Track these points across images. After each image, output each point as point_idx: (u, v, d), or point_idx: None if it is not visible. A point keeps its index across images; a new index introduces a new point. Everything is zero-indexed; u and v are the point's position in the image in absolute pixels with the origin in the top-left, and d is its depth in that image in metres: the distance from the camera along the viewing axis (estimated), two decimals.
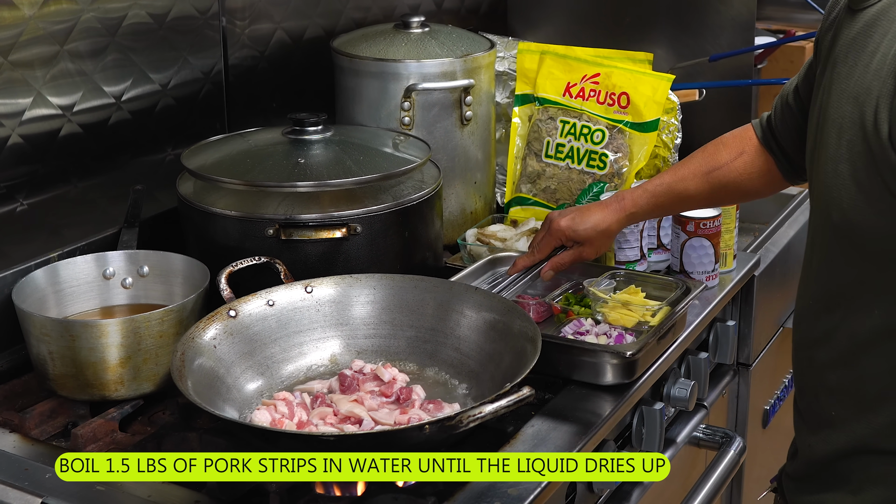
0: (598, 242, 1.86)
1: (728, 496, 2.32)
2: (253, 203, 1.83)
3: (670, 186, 1.82)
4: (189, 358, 1.53)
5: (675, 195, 1.83)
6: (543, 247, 1.88)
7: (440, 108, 2.15)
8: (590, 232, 1.84)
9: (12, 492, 1.44)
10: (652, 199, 1.83)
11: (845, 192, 1.43)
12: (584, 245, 1.86)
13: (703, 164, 1.81)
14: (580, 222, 1.85)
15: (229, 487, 1.42)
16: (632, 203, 1.84)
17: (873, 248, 1.42)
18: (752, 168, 1.78)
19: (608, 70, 2.22)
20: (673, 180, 1.82)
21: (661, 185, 1.83)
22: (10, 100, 1.79)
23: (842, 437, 1.51)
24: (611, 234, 1.86)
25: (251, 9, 2.21)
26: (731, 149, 1.79)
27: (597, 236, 1.85)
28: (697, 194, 1.82)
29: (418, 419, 1.50)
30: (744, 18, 2.56)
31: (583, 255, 1.87)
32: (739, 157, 1.78)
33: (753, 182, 1.79)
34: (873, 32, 1.42)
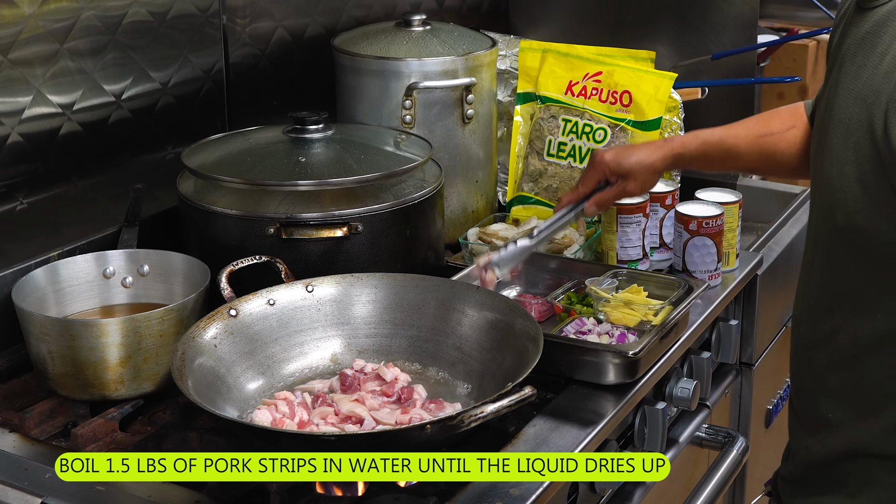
0: (643, 177, 1.81)
1: (730, 496, 2.31)
2: (254, 202, 1.82)
3: (722, 138, 1.80)
4: (189, 357, 1.53)
5: (724, 148, 1.80)
6: (587, 181, 1.83)
7: (441, 107, 2.15)
8: (634, 165, 1.80)
9: (12, 492, 1.44)
10: (702, 145, 1.81)
11: (851, 195, 1.42)
12: (629, 180, 1.81)
13: (757, 126, 1.80)
14: (625, 156, 1.81)
15: (229, 487, 1.42)
16: (681, 144, 1.82)
17: (878, 251, 1.42)
18: (800, 144, 1.77)
19: (610, 68, 2.21)
20: (725, 134, 1.80)
21: (713, 135, 1.81)
22: (9, 98, 1.79)
23: (840, 441, 1.51)
24: (656, 170, 1.82)
25: (252, 7, 2.21)
26: (785, 120, 1.79)
27: (642, 170, 1.80)
28: (746, 154, 1.80)
29: (420, 419, 1.50)
30: (746, 16, 2.55)
31: (627, 190, 1.82)
32: (791, 130, 1.77)
33: (798, 158, 1.78)
34: (883, 33, 1.41)
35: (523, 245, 1.79)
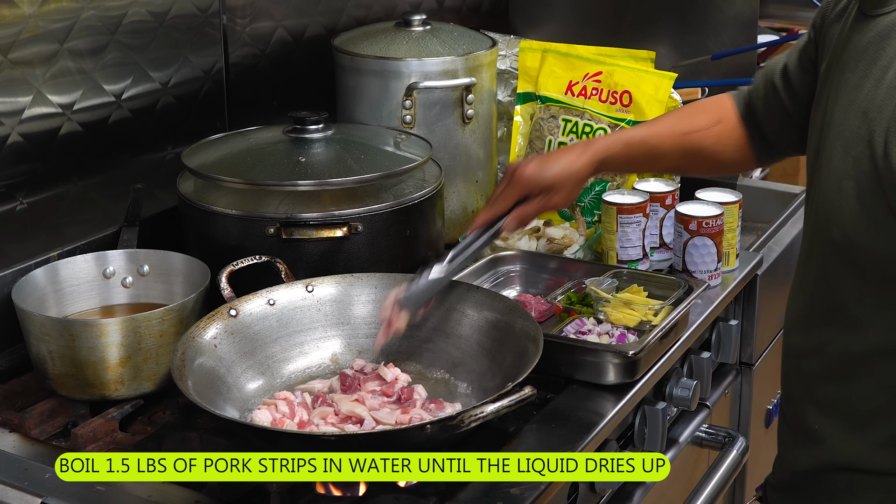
0: (568, 188, 1.66)
1: (730, 496, 2.31)
2: (254, 202, 1.82)
3: (644, 139, 1.72)
4: (189, 357, 1.53)
5: (647, 149, 1.72)
6: (506, 197, 1.65)
7: (441, 107, 2.15)
8: (558, 177, 1.64)
9: (12, 492, 1.43)
10: (625, 148, 1.70)
11: (848, 209, 1.40)
12: (552, 192, 1.65)
13: (680, 123, 1.73)
14: (547, 167, 1.64)
15: (229, 487, 1.42)
16: (604, 148, 1.69)
17: (873, 267, 1.39)
18: (727, 139, 1.72)
19: (610, 68, 2.21)
20: (648, 134, 1.72)
21: (636, 136, 1.72)
22: (9, 98, 1.79)
23: (826, 453, 1.49)
24: (580, 178, 1.67)
25: (252, 7, 2.21)
26: (710, 115, 1.73)
27: (565, 181, 1.65)
28: (669, 154, 1.73)
29: (420, 419, 1.50)
30: (746, 16, 2.55)
31: (550, 203, 1.66)
32: (717, 125, 1.71)
33: (726, 154, 1.72)
34: (887, 45, 1.39)
35: (436, 277, 1.63)
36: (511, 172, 1.66)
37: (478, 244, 1.66)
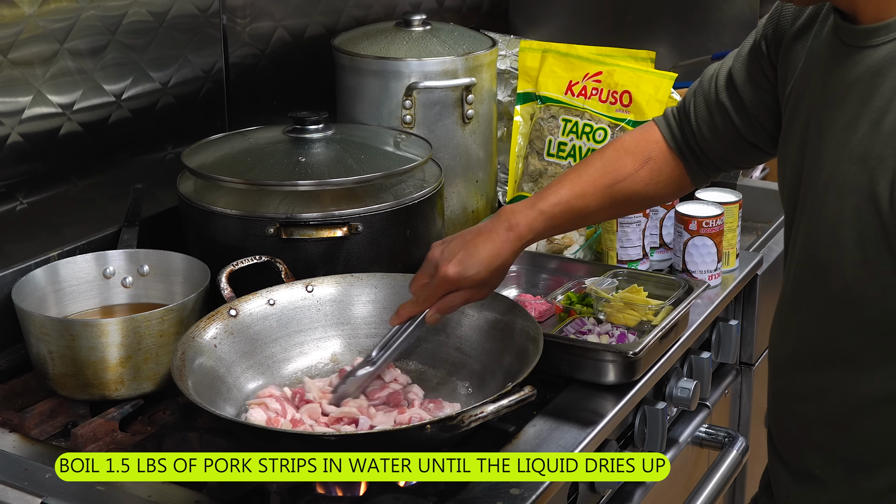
0: (493, 281, 1.60)
1: (730, 496, 2.31)
2: (254, 202, 1.82)
3: (569, 205, 1.61)
4: (189, 357, 1.53)
5: (574, 213, 1.61)
6: (430, 296, 1.58)
7: (441, 107, 2.15)
8: (483, 274, 1.56)
9: (12, 492, 1.43)
10: (549, 221, 1.60)
11: (849, 262, 1.32)
12: (477, 287, 1.58)
13: (605, 175, 1.61)
14: (469, 265, 1.56)
15: (229, 487, 1.42)
16: (527, 229, 1.59)
17: (878, 317, 1.33)
18: (659, 176, 1.62)
19: (610, 68, 2.21)
20: (571, 197, 1.61)
21: (559, 204, 1.60)
22: (9, 98, 1.79)
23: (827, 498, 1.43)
24: (505, 268, 1.60)
25: (252, 7, 2.21)
26: (636, 156, 1.62)
27: (490, 275, 1.58)
28: (599, 210, 1.63)
29: (419, 418, 1.50)
30: (746, 16, 2.55)
31: (476, 296, 1.60)
32: (645, 166, 1.61)
33: (661, 189, 1.64)
34: (880, 83, 1.29)
35: (364, 373, 1.60)
36: (432, 268, 1.58)
37: (404, 337, 1.61)
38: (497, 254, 1.57)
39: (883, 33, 1.30)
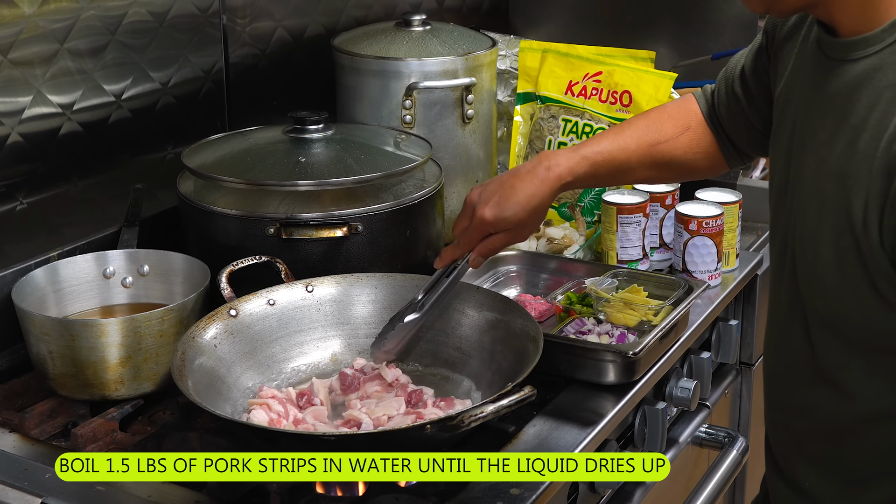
0: (531, 222, 1.59)
1: (730, 496, 2.31)
2: (254, 202, 1.82)
3: (612, 155, 1.61)
4: (189, 357, 1.53)
5: (616, 165, 1.62)
6: (470, 239, 1.60)
7: (441, 107, 2.15)
8: (520, 215, 1.57)
9: (12, 492, 1.43)
10: (591, 168, 1.61)
11: (829, 280, 1.32)
12: (516, 229, 1.59)
13: (648, 134, 1.63)
14: (506, 206, 1.57)
15: (229, 487, 1.42)
16: (568, 171, 1.59)
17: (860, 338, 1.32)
18: (697, 146, 1.65)
19: (610, 68, 2.21)
20: (614, 148, 1.62)
21: (602, 153, 1.61)
22: (9, 98, 1.79)
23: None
24: (543, 209, 1.59)
25: (252, 7, 2.21)
26: (677, 122, 1.64)
27: (528, 216, 1.57)
28: (639, 167, 1.64)
29: (437, 417, 1.48)
30: (746, 16, 2.55)
31: (516, 238, 1.61)
32: (685, 133, 1.64)
33: (697, 161, 1.65)
34: (857, 100, 1.28)
35: (411, 320, 1.62)
36: (471, 210, 1.59)
37: (446, 285, 1.63)
38: (535, 193, 1.57)
39: (861, 47, 1.29)
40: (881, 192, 1.24)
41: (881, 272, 1.26)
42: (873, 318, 1.30)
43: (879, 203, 1.24)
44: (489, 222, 1.58)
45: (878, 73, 1.26)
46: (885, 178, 1.23)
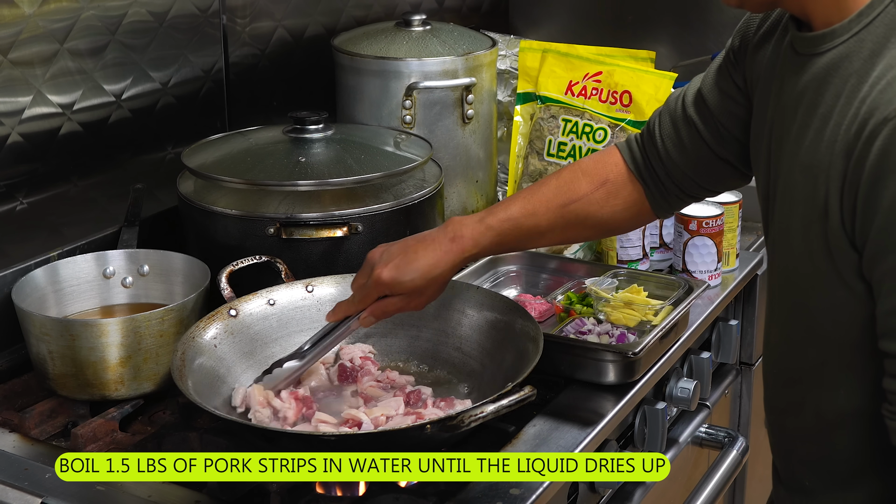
0: (429, 291, 1.55)
1: (730, 496, 2.31)
2: (254, 202, 1.82)
3: (518, 222, 1.56)
4: (189, 357, 1.53)
5: (523, 231, 1.57)
6: (365, 297, 1.55)
7: (442, 107, 2.15)
8: (418, 282, 1.53)
9: (12, 492, 1.43)
10: (497, 237, 1.56)
11: (802, 272, 1.33)
12: (412, 296, 1.55)
13: (559, 195, 1.57)
14: (405, 272, 1.52)
15: (229, 487, 1.42)
16: (472, 243, 1.55)
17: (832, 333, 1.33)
18: (615, 200, 1.58)
19: (610, 68, 2.21)
20: (521, 214, 1.57)
21: (508, 220, 1.56)
22: (9, 98, 1.79)
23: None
24: (443, 281, 1.56)
25: (252, 7, 2.21)
26: (592, 178, 1.58)
27: (425, 284, 1.53)
28: (550, 230, 1.58)
29: (436, 417, 1.48)
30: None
31: (410, 305, 1.56)
32: (602, 188, 1.57)
33: (616, 215, 1.59)
34: (825, 91, 1.29)
35: (291, 365, 1.57)
36: (370, 268, 1.55)
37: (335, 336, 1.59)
38: (435, 264, 1.53)
39: (829, 39, 1.29)
40: (841, 173, 1.25)
41: (845, 258, 1.27)
42: (843, 312, 1.31)
43: (839, 185, 1.25)
44: (385, 283, 1.53)
45: (845, 62, 1.28)
46: (845, 160, 1.24)
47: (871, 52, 1.26)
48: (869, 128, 1.22)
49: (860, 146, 1.23)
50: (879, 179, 1.21)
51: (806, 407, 1.40)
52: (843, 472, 1.40)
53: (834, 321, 1.32)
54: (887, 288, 1.25)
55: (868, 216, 1.23)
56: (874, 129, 1.21)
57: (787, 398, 1.43)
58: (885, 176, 1.21)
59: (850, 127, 1.25)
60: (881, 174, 1.21)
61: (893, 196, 1.20)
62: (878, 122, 1.21)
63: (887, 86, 1.22)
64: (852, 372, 1.34)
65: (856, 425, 1.36)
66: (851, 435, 1.37)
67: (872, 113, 1.22)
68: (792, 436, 1.45)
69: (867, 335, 1.30)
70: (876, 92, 1.23)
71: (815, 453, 1.42)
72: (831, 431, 1.38)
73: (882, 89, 1.23)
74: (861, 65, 1.26)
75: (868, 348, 1.30)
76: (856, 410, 1.35)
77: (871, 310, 1.28)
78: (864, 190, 1.23)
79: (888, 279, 1.24)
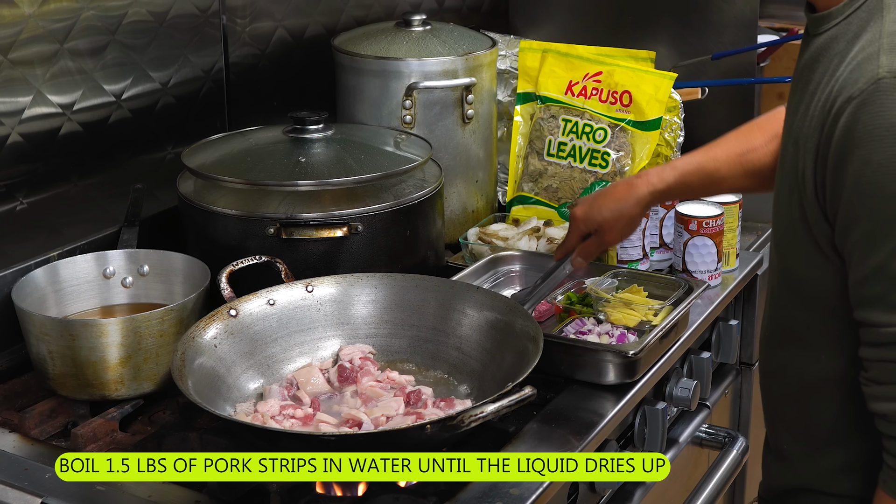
0: (619, 228, 1.74)
1: (730, 496, 2.31)
2: (254, 202, 1.82)
3: (701, 165, 1.70)
4: (189, 357, 1.53)
5: (705, 175, 1.70)
6: (568, 239, 1.78)
7: (442, 107, 2.15)
8: (605, 213, 1.73)
9: (12, 492, 1.43)
10: (681, 177, 1.71)
11: (786, 239, 1.41)
12: (603, 232, 1.74)
13: (737, 144, 1.69)
14: (595, 210, 1.73)
15: (229, 487, 1.42)
16: (658, 178, 1.71)
17: (815, 298, 1.41)
18: None
19: (610, 68, 2.21)
20: (704, 159, 1.70)
21: (691, 163, 1.71)
22: (9, 98, 1.79)
23: (792, 474, 1.51)
24: (632, 217, 1.73)
25: (252, 7, 2.21)
26: (766, 131, 1.69)
27: (615, 222, 1.73)
28: (729, 176, 1.70)
29: (436, 417, 1.49)
30: (746, 16, 2.55)
31: (604, 242, 1.76)
32: (774, 141, 1.66)
33: None
34: (816, 68, 1.38)
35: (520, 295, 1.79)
36: (570, 212, 1.78)
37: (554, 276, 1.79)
38: (622, 197, 1.71)
39: (826, 21, 1.38)
40: (815, 146, 1.33)
41: (818, 226, 1.35)
42: (819, 276, 1.38)
43: (813, 157, 1.33)
44: (578, 218, 1.75)
45: (833, 44, 1.36)
46: (818, 133, 1.32)
47: (854, 35, 1.33)
48: (836, 105, 1.30)
49: (829, 122, 1.30)
50: (844, 155, 1.29)
51: (790, 370, 1.47)
52: (818, 436, 1.46)
53: (815, 287, 1.39)
54: (857, 258, 1.31)
55: (836, 191, 1.31)
56: (840, 106, 1.29)
57: (774, 360, 1.50)
58: (849, 152, 1.28)
59: (825, 104, 1.32)
60: (845, 150, 1.28)
61: (857, 171, 1.28)
62: (844, 100, 1.29)
63: (857, 66, 1.30)
64: (832, 338, 1.41)
65: (832, 392, 1.42)
66: (829, 400, 1.43)
67: (841, 91, 1.30)
68: (778, 399, 1.52)
69: (844, 303, 1.36)
70: (847, 71, 1.30)
71: (795, 417, 1.48)
72: (811, 395, 1.45)
73: (852, 69, 1.30)
74: (844, 46, 1.34)
75: (845, 316, 1.37)
76: (835, 376, 1.41)
77: (846, 278, 1.35)
78: (832, 165, 1.30)
79: (857, 250, 1.31)
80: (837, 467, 1.45)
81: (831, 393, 1.43)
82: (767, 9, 3.16)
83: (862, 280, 1.31)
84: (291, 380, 1.62)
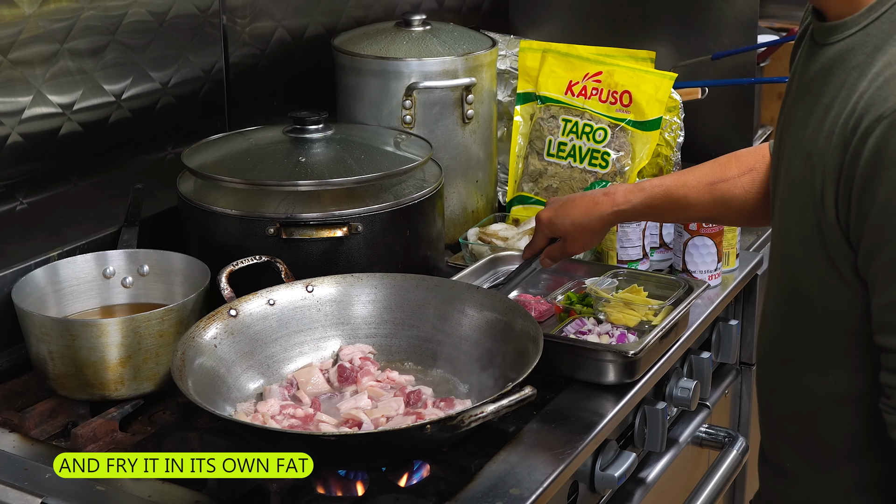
0: (581, 239, 1.76)
1: (730, 496, 2.31)
2: (254, 202, 1.82)
3: (669, 190, 1.70)
4: (189, 357, 1.53)
5: (672, 200, 1.70)
6: (535, 241, 1.83)
7: (442, 107, 2.15)
8: (569, 228, 1.75)
9: (12, 492, 1.43)
10: (648, 199, 1.71)
11: (795, 256, 1.37)
12: (567, 240, 1.78)
13: (710, 174, 1.69)
14: (560, 218, 1.76)
15: (229, 487, 1.42)
16: (623, 199, 1.72)
17: (822, 316, 1.36)
18: (758, 187, 1.65)
19: (610, 68, 2.21)
20: (674, 185, 1.70)
21: (660, 186, 1.71)
22: (9, 98, 1.79)
23: (796, 493, 1.47)
24: (594, 231, 1.75)
25: (252, 7, 2.21)
26: (743, 163, 1.67)
27: (579, 233, 1.75)
28: (697, 204, 1.70)
29: (436, 417, 1.49)
30: (746, 16, 2.55)
31: (567, 249, 1.79)
32: (748, 174, 1.66)
33: (757, 204, 1.66)
34: (830, 80, 1.33)
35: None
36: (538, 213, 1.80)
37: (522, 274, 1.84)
38: (586, 214, 1.74)
39: (839, 31, 1.33)
40: (837, 166, 1.28)
41: (838, 248, 1.31)
42: (833, 296, 1.34)
43: (835, 178, 1.29)
44: (543, 223, 1.79)
45: (850, 55, 1.31)
46: (841, 153, 1.28)
47: (874, 48, 1.29)
48: (864, 124, 1.25)
49: (855, 142, 1.26)
50: (873, 177, 1.24)
51: (795, 387, 1.43)
52: (825, 455, 1.42)
53: (826, 306, 1.36)
54: (883, 282, 1.27)
55: (863, 212, 1.26)
56: (869, 126, 1.24)
57: (777, 377, 1.46)
58: (879, 173, 1.23)
59: (847, 121, 1.27)
60: (875, 172, 1.24)
61: (887, 193, 1.23)
62: (872, 119, 1.24)
63: (884, 83, 1.25)
64: (844, 357, 1.37)
65: (843, 410, 1.38)
66: (837, 419, 1.39)
67: (868, 109, 1.25)
68: (779, 416, 1.48)
69: (861, 325, 1.32)
70: (874, 88, 1.26)
71: (800, 435, 1.45)
72: (817, 413, 1.41)
73: (879, 86, 1.25)
74: (864, 59, 1.29)
75: (861, 337, 1.33)
76: (844, 396, 1.38)
77: (866, 301, 1.31)
78: (859, 186, 1.25)
79: (884, 274, 1.26)
80: (850, 487, 1.41)
81: (841, 411, 1.38)
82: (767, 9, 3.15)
83: (887, 305, 1.27)
84: (291, 380, 1.62)
